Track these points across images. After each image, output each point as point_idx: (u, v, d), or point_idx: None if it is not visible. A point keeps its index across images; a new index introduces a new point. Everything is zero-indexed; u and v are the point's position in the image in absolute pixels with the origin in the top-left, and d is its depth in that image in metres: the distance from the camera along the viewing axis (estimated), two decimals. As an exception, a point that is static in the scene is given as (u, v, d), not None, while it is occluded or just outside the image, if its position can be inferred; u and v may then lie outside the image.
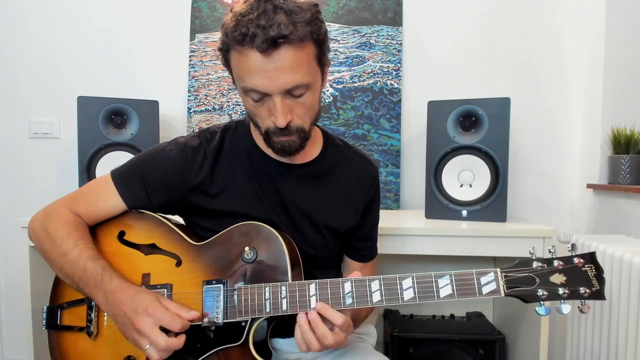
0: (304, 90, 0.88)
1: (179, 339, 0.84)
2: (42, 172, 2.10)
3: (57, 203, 1.01)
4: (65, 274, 0.93)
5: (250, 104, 0.90)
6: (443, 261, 1.73)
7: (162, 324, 0.83)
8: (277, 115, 0.87)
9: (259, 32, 0.80)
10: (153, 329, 0.82)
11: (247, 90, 0.87)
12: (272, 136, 0.92)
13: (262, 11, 0.81)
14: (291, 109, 0.89)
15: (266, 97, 0.88)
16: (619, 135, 1.70)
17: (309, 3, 0.87)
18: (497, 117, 1.57)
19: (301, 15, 0.83)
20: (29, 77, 2.09)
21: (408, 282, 0.84)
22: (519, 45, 1.95)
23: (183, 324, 0.84)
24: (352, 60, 1.99)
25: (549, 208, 1.97)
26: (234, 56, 0.87)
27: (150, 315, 0.83)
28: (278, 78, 0.84)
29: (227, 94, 2.03)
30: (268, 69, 0.83)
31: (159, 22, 2.07)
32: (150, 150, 1.04)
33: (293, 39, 0.82)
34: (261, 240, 0.94)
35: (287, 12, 0.82)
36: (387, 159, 1.97)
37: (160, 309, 0.84)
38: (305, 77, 0.87)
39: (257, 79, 0.85)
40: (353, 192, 1.07)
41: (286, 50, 0.83)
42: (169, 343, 0.82)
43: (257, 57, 0.83)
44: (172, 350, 0.84)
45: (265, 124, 0.91)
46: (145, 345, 0.83)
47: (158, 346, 0.82)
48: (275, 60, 0.83)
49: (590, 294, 0.78)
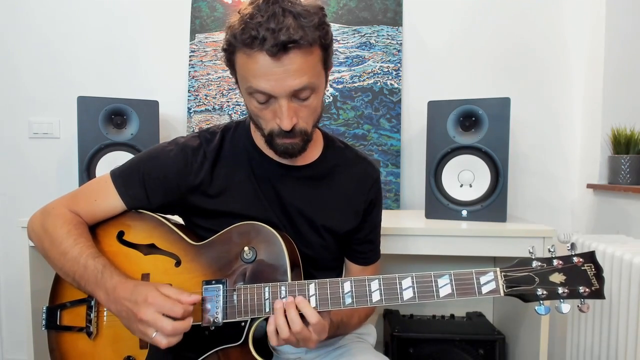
0: (310, 93, 0.89)
1: (185, 322, 0.84)
2: (42, 172, 2.10)
3: (56, 202, 1.01)
4: (66, 272, 0.93)
5: (255, 105, 0.90)
6: (443, 261, 1.73)
7: (163, 311, 0.83)
8: (282, 118, 0.87)
9: (269, 36, 0.81)
10: (156, 316, 0.82)
11: (253, 92, 0.87)
12: (276, 138, 0.91)
13: (272, 14, 0.81)
14: (296, 112, 0.89)
15: (272, 100, 0.88)
16: (619, 135, 1.70)
17: (315, 6, 0.87)
18: (497, 117, 1.57)
19: (309, 19, 0.84)
20: (29, 77, 2.09)
21: (407, 282, 0.84)
22: (519, 45, 1.95)
23: (185, 308, 0.84)
24: (352, 60, 1.99)
25: (549, 208, 1.97)
26: (240, 58, 0.87)
27: (151, 304, 0.83)
28: (286, 81, 0.84)
29: (227, 94, 2.03)
30: (276, 72, 0.83)
31: (159, 22, 2.08)
32: (150, 150, 1.04)
33: (303, 43, 0.83)
34: (261, 240, 0.94)
35: (296, 16, 0.83)
36: (387, 159, 1.97)
37: (160, 297, 0.84)
38: (312, 81, 0.87)
39: (265, 82, 0.85)
40: (353, 194, 1.07)
41: (295, 54, 0.83)
42: (175, 326, 0.82)
43: (266, 60, 0.83)
44: (179, 333, 0.83)
45: (269, 126, 0.91)
46: (152, 334, 0.82)
47: (165, 331, 0.81)
48: (284, 64, 0.83)
49: (590, 293, 0.78)
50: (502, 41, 1.96)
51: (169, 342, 0.83)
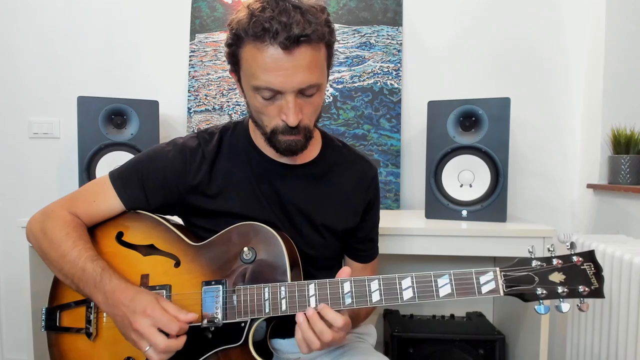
0: (315, 90, 0.90)
1: (179, 340, 0.84)
2: (42, 172, 2.10)
3: (55, 204, 1.01)
4: (65, 274, 0.93)
5: (260, 102, 0.90)
6: (443, 261, 1.73)
7: (159, 325, 0.83)
8: (289, 114, 0.88)
9: (282, 29, 0.81)
10: (151, 330, 0.82)
11: (260, 88, 0.87)
12: (279, 135, 0.92)
13: (283, 9, 0.82)
14: (301, 108, 0.90)
15: (277, 96, 0.88)
16: (619, 135, 1.70)
17: (320, 5, 0.88)
18: (497, 117, 1.57)
19: (317, 16, 0.85)
20: (29, 77, 2.09)
21: (407, 282, 0.84)
22: (519, 45, 1.95)
23: (180, 326, 0.84)
24: (352, 60, 1.99)
25: (549, 208, 1.97)
26: (248, 52, 0.87)
27: (149, 316, 0.83)
28: (295, 76, 0.85)
29: (227, 94, 2.03)
30: (286, 66, 0.84)
31: (159, 22, 2.07)
32: (149, 151, 1.04)
33: (313, 38, 0.84)
34: (260, 240, 0.94)
35: (303, 12, 0.84)
36: (387, 159, 1.97)
37: (158, 311, 0.84)
38: (318, 77, 0.88)
39: (274, 77, 0.85)
40: (352, 193, 1.07)
41: (306, 49, 0.84)
42: (168, 345, 0.82)
43: (277, 53, 0.83)
44: (171, 352, 0.84)
45: (273, 122, 0.91)
46: (145, 347, 0.83)
47: (157, 348, 0.82)
48: (294, 59, 0.84)
49: (589, 292, 0.78)
50: (502, 41, 1.95)
51: (160, 358, 0.83)
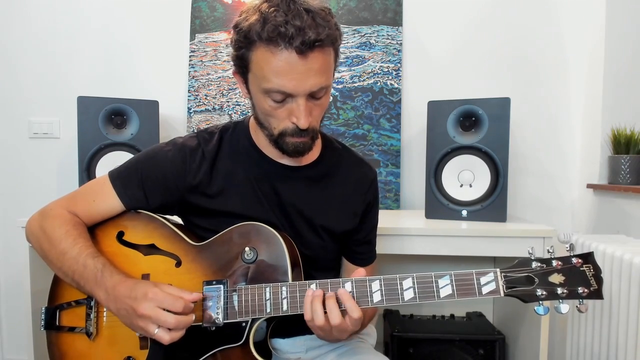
0: (324, 93, 0.91)
1: (189, 317, 0.84)
2: (42, 172, 2.10)
3: (54, 204, 1.01)
4: (65, 272, 0.93)
5: (269, 104, 0.90)
6: (443, 261, 1.73)
7: (164, 305, 0.82)
8: (300, 116, 0.88)
9: (297, 34, 0.81)
10: (157, 311, 0.82)
11: (272, 91, 0.87)
12: (288, 137, 0.92)
13: (295, 13, 0.82)
14: (311, 111, 0.90)
15: (288, 99, 0.88)
16: (619, 135, 1.70)
17: (327, 8, 0.88)
18: (497, 117, 1.57)
19: (327, 19, 0.86)
20: (29, 77, 2.09)
21: (408, 282, 0.84)
22: (519, 45, 1.95)
23: (186, 304, 0.84)
24: (352, 60, 1.99)
25: (549, 208, 1.97)
26: (260, 55, 0.86)
27: (151, 299, 0.83)
28: (307, 80, 0.85)
29: (227, 94, 2.03)
30: (300, 70, 0.84)
31: (159, 22, 2.07)
32: (148, 150, 1.04)
33: (326, 43, 0.85)
34: (261, 240, 0.94)
35: (314, 16, 0.84)
36: (387, 159, 1.97)
37: (160, 292, 0.84)
38: (328, 80, 0.90)
39: (287, 80, 0.85)
40: (352, 195, 1.07)
41: (319, 53, 0.85)
42: (178, 319, 0.82)
43: (292, 57, 0.83)
44: (183, 327, 0.83)
45: (282, 125, 0.91)
46: (154, 330, 0.82)
47: (167, 324, 0.81)
48: (307, 63, 0.84)
49: (589, 293, 0.78)
50: (503, 41, 1.96)
51: (172, 337, 0.82)
